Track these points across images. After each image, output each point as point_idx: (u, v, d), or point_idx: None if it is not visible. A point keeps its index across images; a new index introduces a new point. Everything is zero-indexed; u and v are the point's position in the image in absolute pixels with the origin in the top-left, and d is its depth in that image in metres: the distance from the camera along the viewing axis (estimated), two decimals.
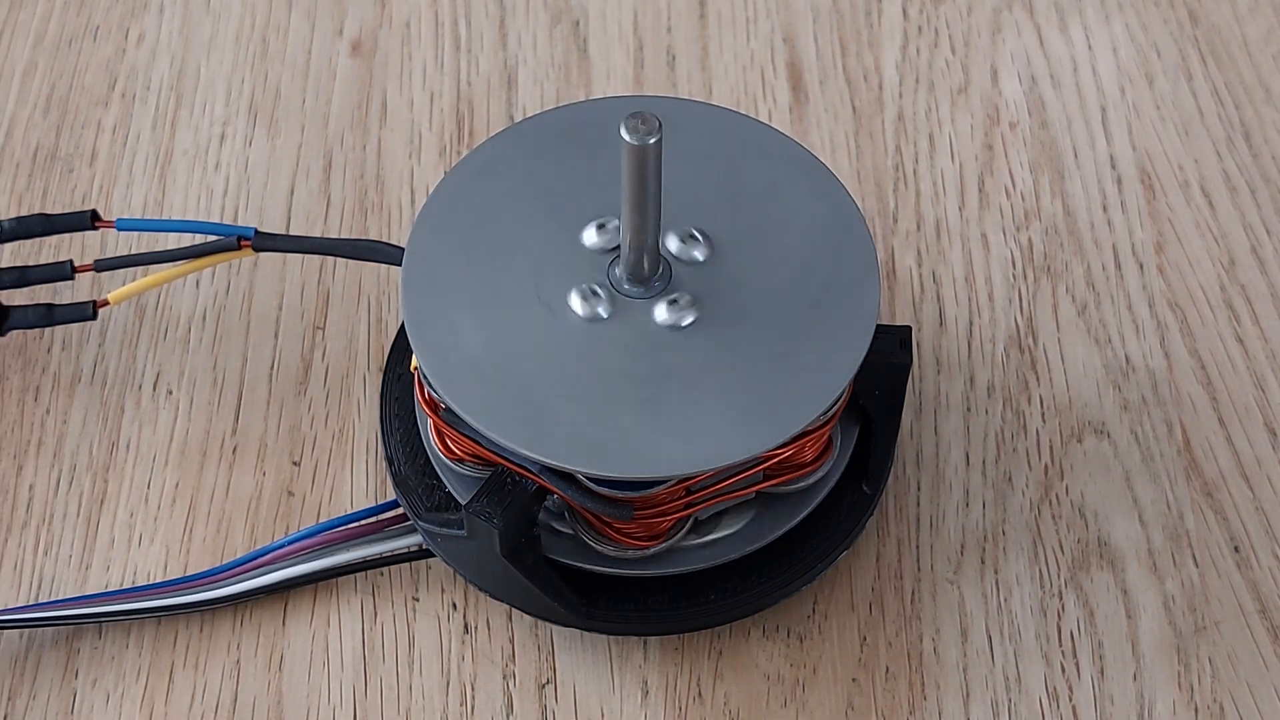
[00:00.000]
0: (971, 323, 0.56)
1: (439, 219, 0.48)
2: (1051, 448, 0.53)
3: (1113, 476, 0.52)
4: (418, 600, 0.50)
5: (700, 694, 0.49)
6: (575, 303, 0.46)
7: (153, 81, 0.61)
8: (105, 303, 0.52)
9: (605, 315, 0.46)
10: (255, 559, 0.50)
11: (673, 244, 0.47)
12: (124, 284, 0.53)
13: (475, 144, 0.59)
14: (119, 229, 0.51)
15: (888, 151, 0.60)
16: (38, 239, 0.55)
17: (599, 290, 0.46)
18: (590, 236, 0.47)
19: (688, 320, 0.46)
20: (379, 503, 0.51)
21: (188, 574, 0.50)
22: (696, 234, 0.47)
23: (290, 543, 0.50)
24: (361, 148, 0.60)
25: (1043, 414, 0.54)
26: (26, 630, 0.49)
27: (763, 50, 0.62)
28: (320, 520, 0.51)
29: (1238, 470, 0.53)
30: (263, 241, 0.51)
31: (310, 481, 0.52)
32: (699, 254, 0.47)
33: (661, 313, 0.46)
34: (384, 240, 0.56)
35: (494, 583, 0.48)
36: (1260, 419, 0.54)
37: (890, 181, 0.59)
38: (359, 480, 0.52)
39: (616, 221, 0.47)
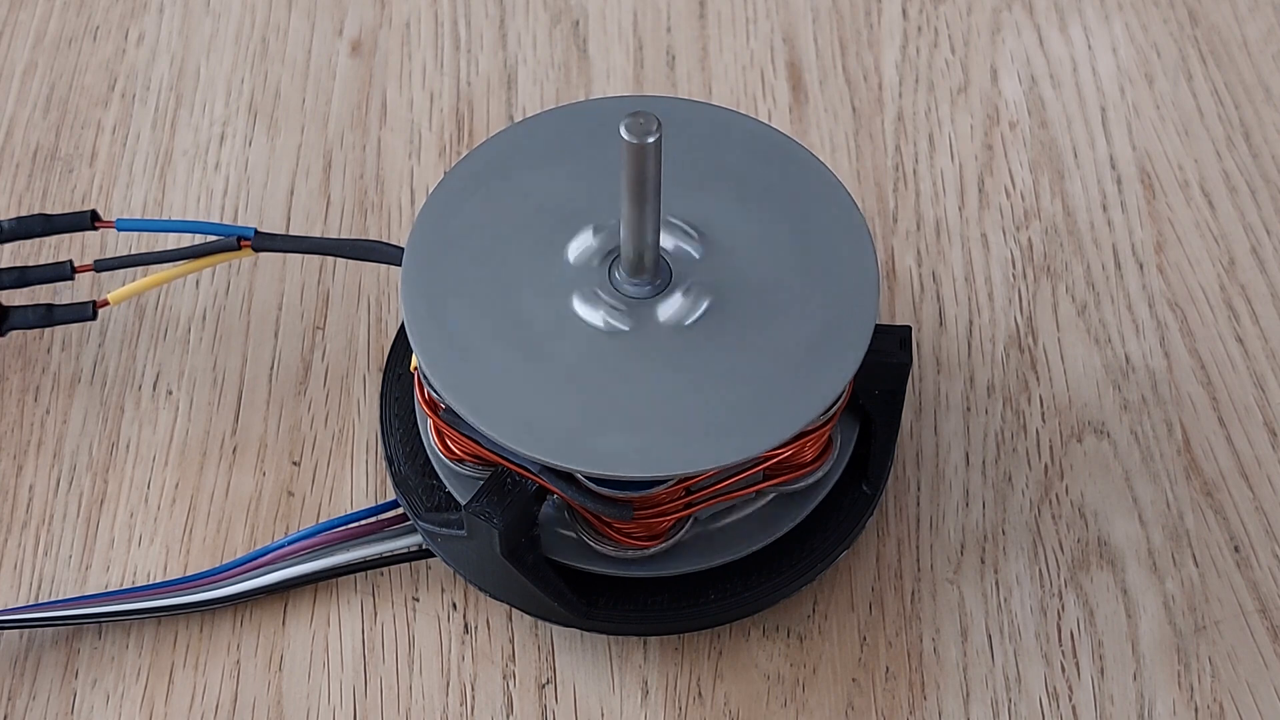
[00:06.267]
0: (971, 323, 0.56)
1: (439, 219, 0.48)
2: (1051, 448, 0.53)
3: (1113, 476, 0.52)
4: (418, 600, 0.50)
5: (700, 694, 0.49)
6: (575, 302, 0.46)
7: (153, 81, 0.61)
8: (105, 303, 0.52)
9: (605, 314, 0.46)
10: (255, 559, 0.50)
11: (671, 244, 0.47)
12: (124, 284, 0.53)
13: (475, 144, 0.59)
14: (119, 229, 0.51)
15: (888, 151, 0.60)
16: (38, 239, 0.55)
17: (599, 290, 0.46)
18: (590, 236, 0.47)
19: (688, 321, 0.46)
20: (379, 503, 0.51)
21: (188, 574, 0.50)
22: (694, 233, 0.47)
23: (290, 543, 0.50)
24: (361, 148, 0.60)
25: (1043, 414, 0.54)
26: (26, 630, 0.49)
27: (762, 50, 0.62)
28: (320, 520, 0.51)
29: (1238, 470, 0.53)
30: (262, 241, 0.51)
31: (310, 481, 0.52)
32: (697, 254, 0.47)
33: (662, 313, 0.46)
34: (384, 240, 0.56)
35: (494, 583, 0.48)
36: (1260, 419, 0.54)
37: (890, 181, 0.59)
38: (359, 480, 0.52)
39: (616, 221, 0.47)
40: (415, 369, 0.48)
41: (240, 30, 0.63)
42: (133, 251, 0.56)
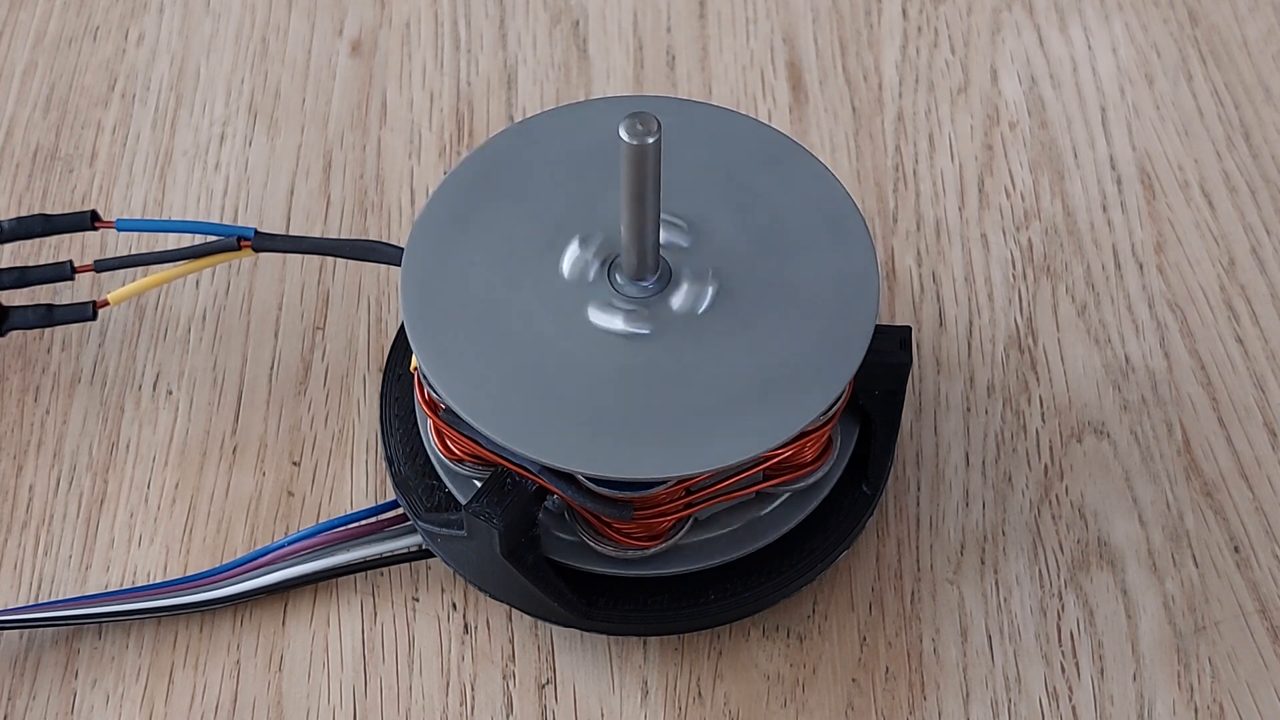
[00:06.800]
0: (971, 323, 0.56)
1: (439, 219, 0.48)
2: (1051, 448, 0.53)
3: (1113, 476, 0.52)
4: (418, 600, 0.50)
5: (700, 694, 0.49)
6: (575, 302, 0.46)
7: (153, 81, 0.61)
8: (105, 303, 0.52)
9: (604, 315, 0.46)
10: (255, 559, 0.50)
11: (670, 243, 0.47)
12: (124, 284, 0.53)
13: (475, 144, 0.59)
14: (119, 229, 0.51)
15: (888, 151, 0.60)
16: (38, 239, 0.55)
17: (598, 289, 0.46)
18: (589, 237, 0.47)
19: (687, 321, 0.46)
20: (379, 503, 0.51)
21: (188, 574, 0.50)
22: (680, 222, 0.47)
23: (290, 543, 0.50)
24: (361, 148, 0.60)
25: (1042, 414, 0.54)
26: (26, 630, 0.49)
27: (762, 50, 0.62)
28: (320, 520, 0.51)
29: (1238, 470, 0.53)
30: (262, 242, 0.51)
31: (310, 481, 0.52)
32: (685, 242, 0.47)
33: (662, 313, 0.46)
34: (384, 240, 0.56)
35: (494, 583, 0.48)
36: (1260, 419, 0.54)
37: (890, 181, 0.59)
38: (359, 480, 0.52)
39: (616, 222, 0.47)
40: (415, 369, 0.48)
41: (240, 30, 0.63)
42: (133, 251, 0.56)
